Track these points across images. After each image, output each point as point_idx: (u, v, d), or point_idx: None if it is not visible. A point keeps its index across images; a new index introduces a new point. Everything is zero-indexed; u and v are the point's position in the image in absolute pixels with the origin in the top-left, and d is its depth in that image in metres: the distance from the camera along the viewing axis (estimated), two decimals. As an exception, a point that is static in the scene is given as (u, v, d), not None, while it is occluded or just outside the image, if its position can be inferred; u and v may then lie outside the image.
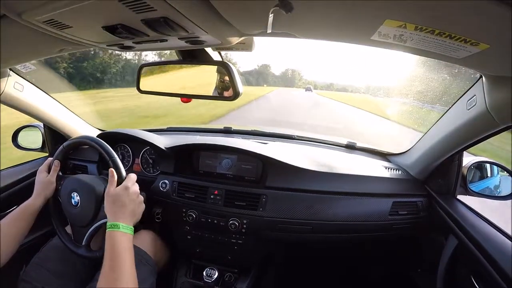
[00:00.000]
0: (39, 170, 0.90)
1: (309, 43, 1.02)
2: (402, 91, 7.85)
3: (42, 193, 0.86)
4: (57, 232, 0.89)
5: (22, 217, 0.81)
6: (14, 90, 0.92)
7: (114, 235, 0.67)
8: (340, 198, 0.99)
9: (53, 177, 0.89)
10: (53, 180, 0.89)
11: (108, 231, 0.68)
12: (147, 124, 6.45)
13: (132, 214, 0.72)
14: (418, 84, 2.99)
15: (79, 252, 0.84)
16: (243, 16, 0.47)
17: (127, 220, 0.70)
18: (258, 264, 1.15)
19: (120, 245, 0.66)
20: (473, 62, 0.50)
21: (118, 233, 0.67)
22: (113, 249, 0.65)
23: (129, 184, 0.74)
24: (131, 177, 0.77)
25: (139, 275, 0.87)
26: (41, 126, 1.23)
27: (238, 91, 0.71)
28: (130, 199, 0.73)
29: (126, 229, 0.69)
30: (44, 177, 0.89)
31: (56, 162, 0.91)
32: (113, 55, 19.02)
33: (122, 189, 0.73)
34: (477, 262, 0.76)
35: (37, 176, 0.89)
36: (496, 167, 0.98)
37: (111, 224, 0.68)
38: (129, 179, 0.76)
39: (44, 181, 0.88)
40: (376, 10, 0.38)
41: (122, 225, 0.68)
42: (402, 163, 1.14)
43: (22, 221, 0.80)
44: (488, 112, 0.63)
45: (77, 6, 0.41)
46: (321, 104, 16.46)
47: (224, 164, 1.10)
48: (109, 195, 0.74)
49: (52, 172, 0.90)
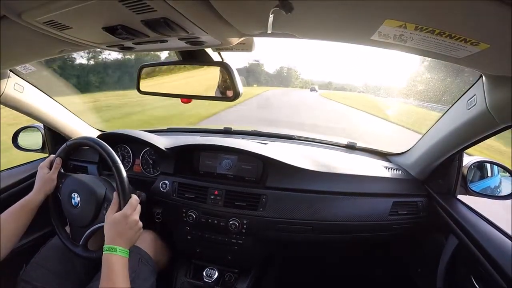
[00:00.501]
0: (40, 166, 0.90)
1: (306, 40, 1.02)
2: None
3: (42, 189, 0.86)
4: (55, 228, 0.89)
5: (22, 212, 0.80)
6: (14, 91, 0.92)
7: (111, 258, 0.68)
8: (340, 198, 0.99)
9: (55, 174, 0.89)
10: (54, 177, 0.89)
11: (105, 253, 0.69)
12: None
13: (130, 240, 0.73)
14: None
15: (76, 250, 0.84)
16: (243, 16, 0.47)
17: (124, 245, 0.71)
18: (258, 264, 1.15)
19: (117, 268, 0.67)
20: (473, 62, 0.50)
21: (115, 256, 0.68)
22: (111, 271, 0.66)
23: (128, 212, 0.74)
24: (132, 203, 0.76)
25: (139, 275, 0.87)
26: (41, 127, 1.23)
27: (238, 91, 0.71)
28: (128, 227, 0.73)
29: (123, 253, 0.70)
30: (46, 173, 0.88)
31: (58, 159, 0.91)
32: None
33: (121, 217, 0.73)
34: (477, 262, 0.76)
35: (38, 171, 0.89)
36: (496, 167, 0.98)
37: (109, 247, 0.69)
38: (130, 206, 0.75)
39: (45, 178, 0.87)
40: (376, 10, 0.38)
41: (120, 249, 0.69)
42: (402, 163, 1.14)
43: (22, 216, 0.80)
44: (488, 111, 0.63)
45: (77, 7, 0.41)
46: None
47: (224, 165, 1.10)
48: (109, 219, 0.74)
49: (53, 169, 0.89)
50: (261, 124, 7.33)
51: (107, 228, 0.72)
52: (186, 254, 1.16)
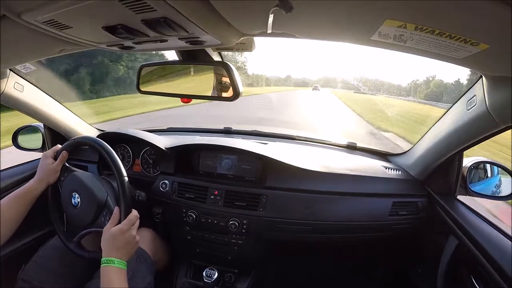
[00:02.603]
0: (45, 155, 0.88)
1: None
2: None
3: (45, 179, 0.84)
4: (51, 218, 0.88)
5: (22, 200, 0.79)
6: (14, 91, 0.92)
7: (109, 271, 0.69)
8: (340, 198, 0.99)
9: (59, 166, 0.87)
10: (58, 169, 0.87)
11: (103, 266, 0.69)
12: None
13: (127, 254, 0.74)
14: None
15: (69, 246, 0.84)
16: (243, 16, 0.47)
17: (121, 257, 0.71)
18: (258, 265, 1.14)
19: (115, 280, 0.68)
20: (473, 62, 0.50)
21: (113, 268, 0.69)
22: (109, 283, 0.67)
23: (125, 227, 0.74)
24: (131, 219, 0.76)
25: (137, 273, 0.87)
26: (41, 127, 1.23)
27: (238, 91, 0.71)
28: (126, 242, 0.73)
29: (121, 264, 0.70)
30: (50, 163, 0.86)
31: (65, 152, 0.88)
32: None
33: (119, 232, 0.73)
34: (477, 262, 0.76)
35: (41, 160, 0.87)
36: (496, 167, 0.98)
37: (107, 259, 0.70)
38: (128, 222, 0.75)
39: (50, 168, 0.86)
40: (376, 10, 0.38)
41: (117, 261, 0.70)
42: (402, 163, 1.14)
43: (22, 204, 0.79)
44: (488, 112, 0.63)
45: (77, 7, 0.41)
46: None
47: (224, 165, 1.10)
48: (106, 232, 0.74)
49: (58, 161, 0.87)
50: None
51: (105, 242, 0.73)
52: (186, 254, 1.16)
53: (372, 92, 7.10)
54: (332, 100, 14.10)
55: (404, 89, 9.73)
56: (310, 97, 15.50)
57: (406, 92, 9.43)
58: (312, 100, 14.13)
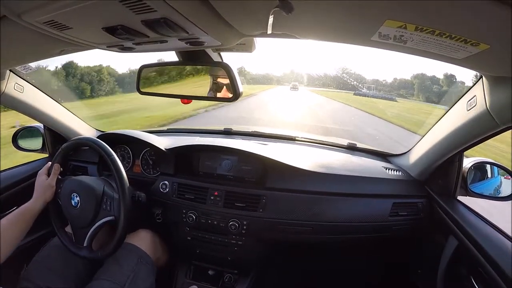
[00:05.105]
0: (39, 174, 0.91)
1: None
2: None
3: (42, 196, 0.87)
4: (58, 235, 0.89)
5: (20, 220, 0.81)
6: (14, 91, 0.92)
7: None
8: (340, 199, 0.99)
9: (53, 180, 0.90)
10: (53, 184, 0.90)
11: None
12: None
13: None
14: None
15: (81, 254, 0.84)
16: (243, 17, 0.47)
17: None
18: (258, 265, 1.14)
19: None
20: (473, 62, 0.50)
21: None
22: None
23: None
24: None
25: (138, 274, 0.88)
26: (41, 127, 1.23)
27: (238, 91, 0.71)
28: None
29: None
30: (44, 180, 0.89)
31: (56, 166, 0.91)
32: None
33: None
34: (477, 263, 0.76)
35: (37, 179, 0.90)
36: (496, 168, 0.98)
37: None
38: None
39: (44, 185, 0.88)
40: (376, 10, 0.38)
41: None
42: (402, 164, 1.14)
43: (21, 223, 0.81)
44: (489, 112, 0.63)
45: (77, 7, 0.41)
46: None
47: (224, 165, 1.10)
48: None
49: (52, 176, 0.90)
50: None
51: None
52: (186, 255, 1.15)
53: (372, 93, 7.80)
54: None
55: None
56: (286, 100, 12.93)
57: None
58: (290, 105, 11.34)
